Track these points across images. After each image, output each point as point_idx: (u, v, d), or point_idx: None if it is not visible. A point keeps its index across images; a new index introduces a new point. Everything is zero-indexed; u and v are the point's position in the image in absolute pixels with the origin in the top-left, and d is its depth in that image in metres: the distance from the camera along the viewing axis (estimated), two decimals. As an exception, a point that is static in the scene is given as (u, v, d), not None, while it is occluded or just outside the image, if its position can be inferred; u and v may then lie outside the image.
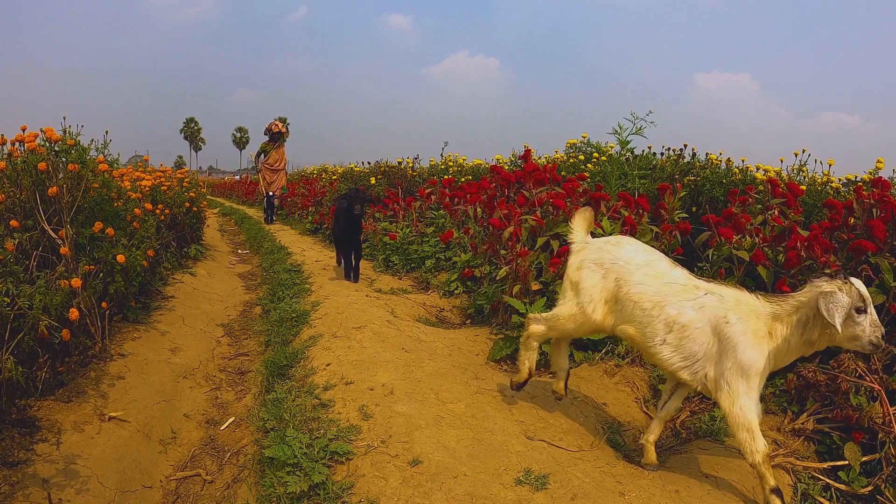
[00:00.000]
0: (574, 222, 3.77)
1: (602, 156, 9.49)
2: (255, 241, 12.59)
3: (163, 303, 6.30)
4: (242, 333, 6.26)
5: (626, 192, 5.86)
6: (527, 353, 3.79)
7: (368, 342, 4.69)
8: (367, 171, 15.46)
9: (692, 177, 8.33)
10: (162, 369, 4.68)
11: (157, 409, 4.16)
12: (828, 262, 4.07)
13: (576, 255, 3.63)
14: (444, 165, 12.89)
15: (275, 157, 16.18)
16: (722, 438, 3.66)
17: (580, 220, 3.77)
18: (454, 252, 7.49)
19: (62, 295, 3.85)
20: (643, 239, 5.32)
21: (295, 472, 2.94)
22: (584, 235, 3.73)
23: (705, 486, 3.10)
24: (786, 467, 3.36)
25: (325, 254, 10.04)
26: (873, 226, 4.16)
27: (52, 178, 4.32)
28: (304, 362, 4.49)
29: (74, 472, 3.21)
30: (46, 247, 4.30)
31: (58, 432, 3.48)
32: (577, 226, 3.75)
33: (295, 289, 6.96)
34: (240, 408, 4.46)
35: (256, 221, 16.35)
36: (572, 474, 3.04)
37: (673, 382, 3.46)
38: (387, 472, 2.94)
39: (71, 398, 3.83)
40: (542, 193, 5.98)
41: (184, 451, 3.91)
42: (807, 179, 7.75)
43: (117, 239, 4.86)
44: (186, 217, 9.48)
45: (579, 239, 3.70)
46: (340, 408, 3.62)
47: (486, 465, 3.01)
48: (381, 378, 3.98)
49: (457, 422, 3.46)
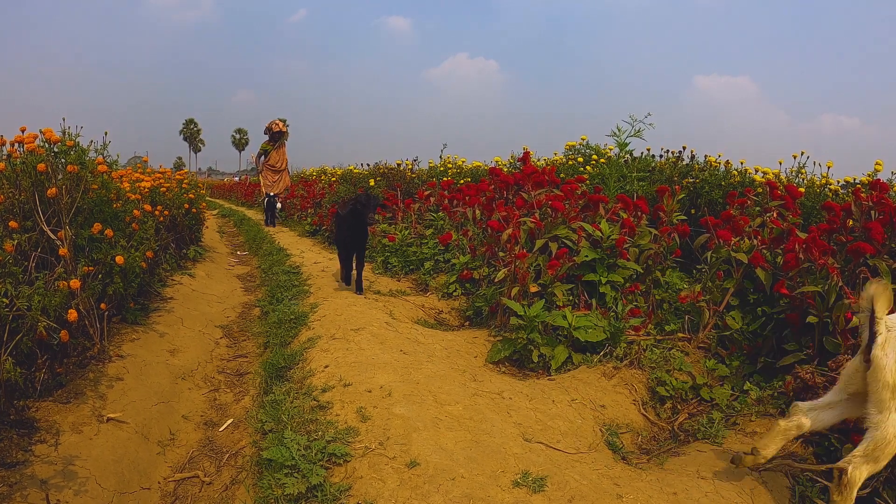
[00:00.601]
0: (875, 300, 2.78)
1: (601, 158, 9.52)
2: (255, 243, 12.59)
3: (161, 304, 6.30)
4: (241, 335, 6.26)
5: (624, 195, 5.87)
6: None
7: (367, 344, 4.69)
8: (366, 172, 15.40)
9: (691, 179, 8.36)
10: (160, 371, 4.68)
11: (156, 410, 4.16)
12: (825, 265, 4.07)
13: (889, 347, 2.77)
14: (443, 167, 12.89)
15: (275, 157, 16.04)
16: (720, 441, 3.66)
17: (881, 297, 2.78)
18: (453, 254, 7.48)
19: (61, 296, 3.85)
20: (641, 241, 5.34)
21: (293, 473, 2.94)
22: (887, 317, 2.81)
23: (703, 488, 3.10)
24: (784, 469, 3.35)
25: (325, 255, 10.04)
26: (871, 228, 4.17)
27: (51, 179, 4.32)
28: (303, 364, 4.49)
29: (73, 473, 3.21)
30: (45, 248, 4.30)
31: (56, 433, 3.48)
32: (879, 305, 2.79)
33: (294, 290, 6.95)
34: (238, 409, 4.46)
35: (256, 223, 16.31)
36: (570, 476, 3.04)
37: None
38: (384, 474, 2.94)
39: (69, 399, 3.83)
40: (540, 196, 5.99)
41: (182, 453, 3.92)
42: (805, 182, 7.78)
43: (116, 240, 4.86)
44: (185, 218, 9.48)
45: (884, 325, 2.78)
46: (338, 410, 3.62)
47: (483, 468, 3.02)
48: (380, 380, 3.97)
49: (455, 424, 3.46)
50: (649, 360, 4.48)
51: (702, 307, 4.85)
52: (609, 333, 4.66)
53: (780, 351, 4.28)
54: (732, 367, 4.51)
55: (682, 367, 4.44)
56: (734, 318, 4.71)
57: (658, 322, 5.14)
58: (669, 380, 4.30)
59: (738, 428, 3.82)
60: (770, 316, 4.57)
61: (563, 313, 4.67)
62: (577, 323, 4.62)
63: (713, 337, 4.78)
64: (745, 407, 3.99)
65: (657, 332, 4.98)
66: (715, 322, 4.82)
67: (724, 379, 4.44)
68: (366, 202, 6.50)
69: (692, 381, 4.34)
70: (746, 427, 3.79)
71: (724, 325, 4.73)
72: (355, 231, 6.72)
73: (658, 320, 5.15)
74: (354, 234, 6.75)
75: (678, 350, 4.67)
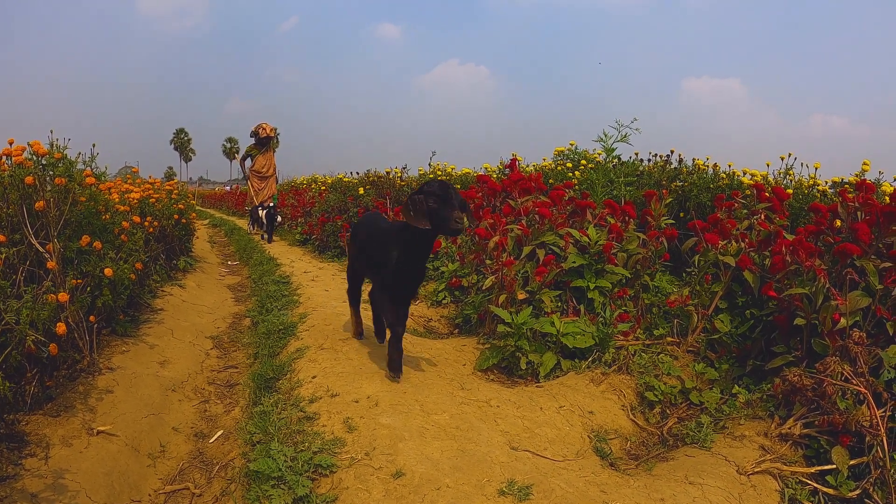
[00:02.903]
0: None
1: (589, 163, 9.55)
2: (245, 253, 12.58)
3: (152, 315, 6.28)
4: (231, 345, 6.25)
5: (611, 200, 5.88)
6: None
7: (355, 354, 4.70)
8: (355, 181, 15.17)
9: (679, 182, 8.38)
10: (150, 382, 4.67)
11: (146, 422, 4.15)
12: (812, 267, 4.08)
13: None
14: (432, 175, 12.86)
15: (262, 161, 15.34)
16: (708, 445, 3.66)
17: None
18: (442, 262, 7.48)
19: (49, 309, 3.85)
20: (629, 246, 5.36)
21: (279, 485, 2.94)
22: None
23: (691, 493, 3.10)
24: (773, 472, 3.36)
25: (314, 265, 10.05)
26: (858, 229, 4.18)
27: (39, 192, 4.31)
28: (291, 375, 4.49)
29: (63, 486, 3.20)
30: (34, 261, 4.29)
31: (46, 447, 3.47)
32: None
33: (283, 300, 6.94)
34: (228, 420, 4.46)
35: (247, 233, 16.27)
36: (556, 484, 3.04)
37: None
38: (370, 484, 2.94)
39: (59, 412, 3.83)
40: (527, 202, 6.00)
41: (172, 465, 3.91)
42: (793, 183, 7.81)
43: (105, 252, 4.86)
44: (175, 229, 9.46)
45: None
46: (325, 420, 3.62)
47: (469, 477, 3.02)
48: (367, 390, 3.98)
49: (441, 433, 3.46)
50: (638, 365, 4.49)
51: (690, 311, 4.86)
52: (597, 339, 4.67)
53: (768, 353, 4.29)
54: (721, 371, 4.52)
55: (671, 371, 4.45)
56: (723, 322, 4.72)
57: (647, 326, 5.15)
58: (658, 384, 4.31)
59: (727, 432, 3.82)
60: (758, 318, 4.58)
61: (550, 320, 4.68)
62: (565, 329, 4.62)
63: (702, 340, 4.80)
64: (734, 410, 3.99)
65: (646, 337, 4.99)
66: (704, 325, 4.83)
67: (713, 382, 4.45)
68: (443, 195, 3.84)
69: (681, 386, 4.35)
70: (735, 430, 3.80)
71: (713, 328, 4.74)
72: (415, 251, 4.13)
73: (647, 325, 5.17)
74: (413, 255, 4.15)
75: (667, 354, 4.69)
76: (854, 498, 3.30)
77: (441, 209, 3.82)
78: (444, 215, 3.81)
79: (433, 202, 3.84)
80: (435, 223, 3.83)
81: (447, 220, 3.80)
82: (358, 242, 4.83)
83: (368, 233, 4.68)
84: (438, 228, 3.87)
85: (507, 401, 4.05)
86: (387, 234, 4.33)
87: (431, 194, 3.87)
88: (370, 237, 4.63)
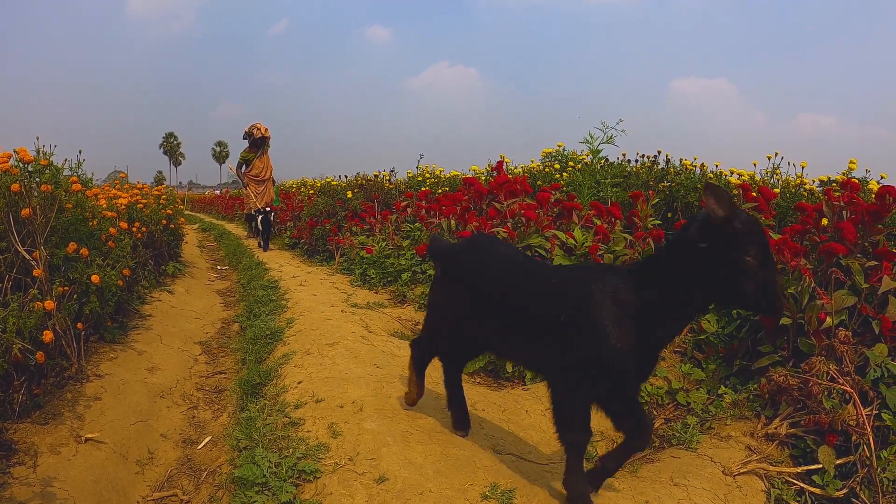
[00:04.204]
0: None
1: (577, 165, 9.56)
2: (235, 257, 12.55)
3: (140, 322, 6.27)
4: (220, 351, 6.24)
5: (597, 202, 5.89)
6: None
7: (341, 359, 4.69)
8: (344, 184, 15.00)
9: (667, 183, 8.40)
10: (139, 389, 4.66)
11: (134, 429, 4.15)
12: (798, 266, 4.10)
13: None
14: (420, 177, 12.90)
15: (259, 165, 14.57)
16: (694, 446, 3.67)
17: None
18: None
19: (36, 317, 3.85)
20: (616, 248, 5.36)
21: (263, 491, 2.94)
22: None
23: (676, 495, 3.11)
24: (759, 473, 3.37)
25: (303, 269, 10.03)
26: (843, 228, 4.19)
27: (25, 199, 4.31)
28: (277, 380, 4.49)
29: (51, 494, 3.20)
30: (20, 269, 4.29)
31: (34, 455, 3.47)
32: None
33: (271, 305, 6.93)
34: (217, 427, 4.45)
35: (236, 237, 16.20)
36: (539, 488, 3.05)
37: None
38: (353, 489, 2.94)
39: (47, 420, 3.82)
40: (513, 205, 6.01)
41: (161, 472, 3.91)
42: (780, 182, 7.83)
43: (92, 259, 4.85)
44: (164, 234, 9.46)
45: None
46: (310, 426, 3.62)
47: (452, 481, 3.02)
48: (352, 395, 3.97)
49: (425, 437, 3.46)
50: (625, 367, 4.49)
51: (677, 311, 4.86)
52: (584, 341, 4.67)
53: (755, 353, 4.30)
54: (709, 371, 4.53)
55: (657, 372, 4.47)
56: (709, 322, 4.73)
57: (634, 327, 5.16)
58: (645, 386, 4.32)
59: (713, 432, 3.83)
60: (745, 318, 4.59)
61: (538, 322, 4.68)
62: (552, 332, 4.62)
63: (689, 341, 4.81)
64: (721, 411, 4.00)
65: (633, 338, 4.99)
66: (691, 326, 4.84)
67: (700, 383, 4.46)
68: (766, 242, 2.34)
69: (668, 386, 4.37)
70: (721, 431, 3.80)
71: (700, 328, 4.75)
72: (656, 325, 2.57)
73: (634, 325, 5.17)
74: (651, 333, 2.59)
75: (654, 355, 4.69)
76: (841, 497, 3.31)
77: (765, 270, 2.32)
78: (768, 281, 2.32)
79: (754, 253, 2.28)
80: (748, 292, 2.33)
81: (771, 291, 2.34)
82: (464, 289, 3.09)
83: (507, 279, 2.92)
84: (749, 303, 2.47)
85: (492, 404, 4.06)
86: (582, 293, 2.62)
87: (750, 238, 2.28)
88: (516, 287, 2.88)
